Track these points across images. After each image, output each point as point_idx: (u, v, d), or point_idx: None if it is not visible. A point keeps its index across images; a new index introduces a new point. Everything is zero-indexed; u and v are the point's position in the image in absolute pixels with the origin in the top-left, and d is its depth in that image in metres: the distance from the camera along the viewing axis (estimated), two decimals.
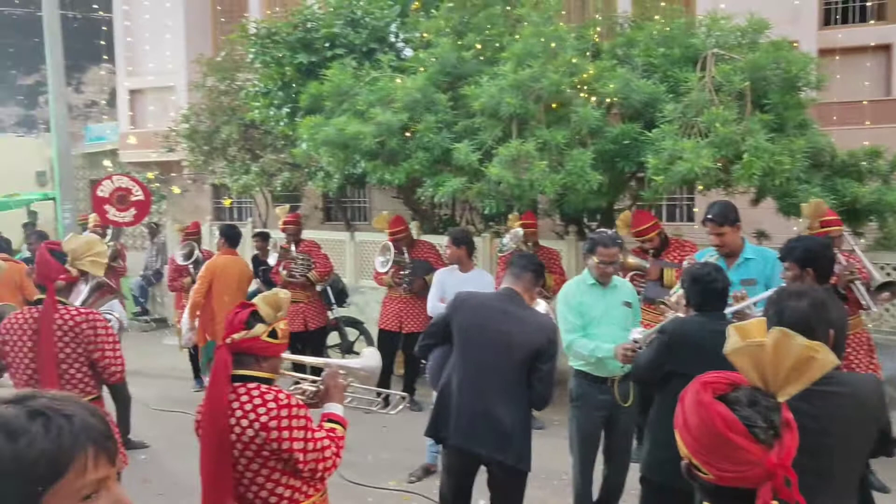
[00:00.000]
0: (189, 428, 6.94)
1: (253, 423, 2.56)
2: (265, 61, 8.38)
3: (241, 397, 2.62)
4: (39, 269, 3.77)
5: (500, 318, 3.73)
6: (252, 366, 2.69)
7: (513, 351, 3.67)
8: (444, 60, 6.90)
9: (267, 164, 10.21)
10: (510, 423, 3.67)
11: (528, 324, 3.72)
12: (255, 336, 2.65)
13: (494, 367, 3.70)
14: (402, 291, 7.13)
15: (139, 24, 13.72)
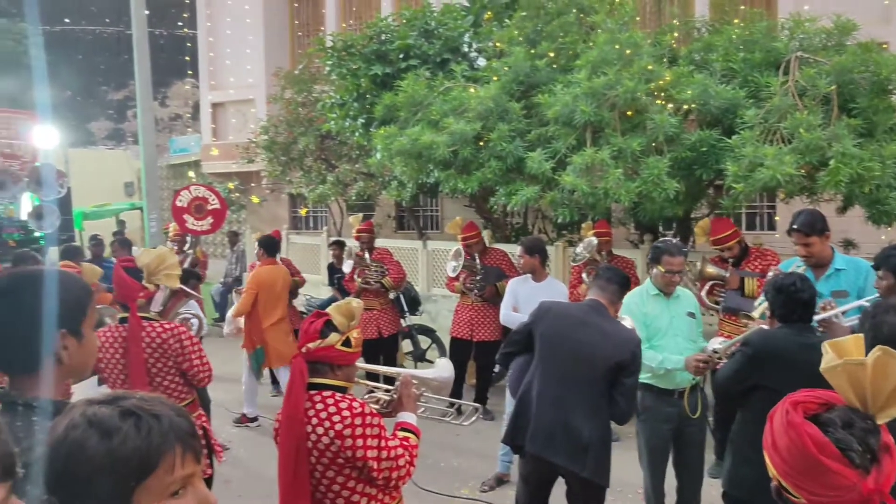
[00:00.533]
0: (267, 431, 7.11)
1: (328, 430, 2.61)
2: (341, 73, 8.55)
3: (316, 405, 2.67)
4: (119, 289, 3.92)
5: (583, 330, 3.71)
6: (327, 374, 2.74)
7: (595, 363, 3.64)
8: (518, 69, 6.89)
9: (342, 174, 10.41)
10: (588, 435, 3.63)
11: (612, 337, 3.67)
12: (330, 345, 2.69)
13: (575, 378, 3.67)
14: (474, 298, 7.13)
15: (221, 40, 14.21)
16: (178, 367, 3.90)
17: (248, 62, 13.70)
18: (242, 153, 12.19)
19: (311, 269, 10.78)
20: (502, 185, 6.72)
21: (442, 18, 8.58)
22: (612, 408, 3.67)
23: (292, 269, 8.58)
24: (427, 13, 8.69)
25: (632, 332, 3.80)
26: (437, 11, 8.81)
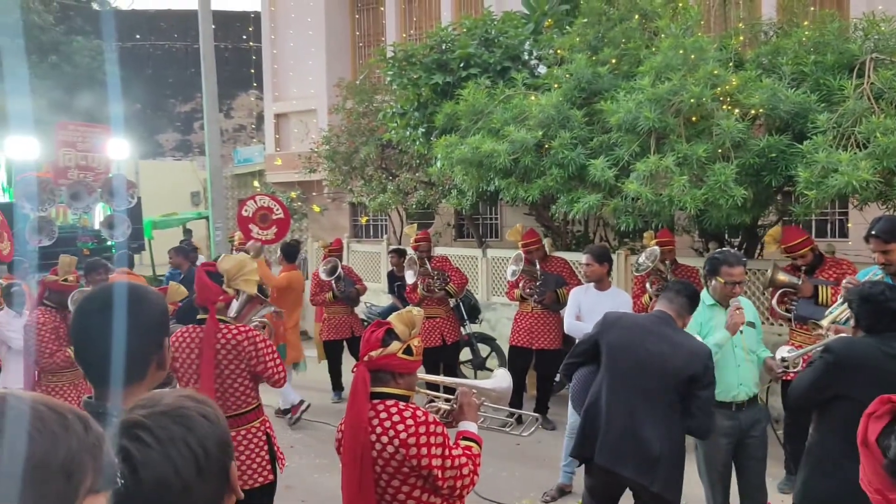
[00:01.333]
0: (328, 437, 7.18)
1: (392, 440, 2.62)
2: (402, 83, 8.63)
3: (380, 414, 2.67)
4: (200, 292, 4.02)
5: (651, 340, 3.65)
6: (389, 383, 2.74)
7: (665, 375, 3.57)
8: (579, 76, 6.85)
9: (403, 183, 10.49)
10: (659, 447, 3.55)
11: (682, 348, 3.61)
12: (391, 354, 2.70)
13: (644, 390, 3.60)
14: (533, 305, 7.11)
15: (284, 53, 14.50)
16: (252, 370, 3.96)
17: (310, 74, 13.95)
18: (304, 163, 12.41)
19: (372, 276, 10.88)
20: (564, 192, 6.67)
21: (502, 27, 8.59)
22: (690, 421, 3.59)
23: (354, 276, 8.69)
24: (487, 22, 8.71)
25: (702, 344, 3.72)
26: (498, 20, 8.82)
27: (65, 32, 23.29)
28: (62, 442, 0.67)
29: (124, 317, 1.78)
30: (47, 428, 0.68)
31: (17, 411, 0.67)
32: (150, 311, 1.90)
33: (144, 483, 1.15)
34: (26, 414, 0.67)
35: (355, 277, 8.66)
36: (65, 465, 0.66)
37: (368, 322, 9.14)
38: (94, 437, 0.71)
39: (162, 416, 1.23)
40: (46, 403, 0.71)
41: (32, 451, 0.65)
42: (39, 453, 0.65)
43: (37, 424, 0.67)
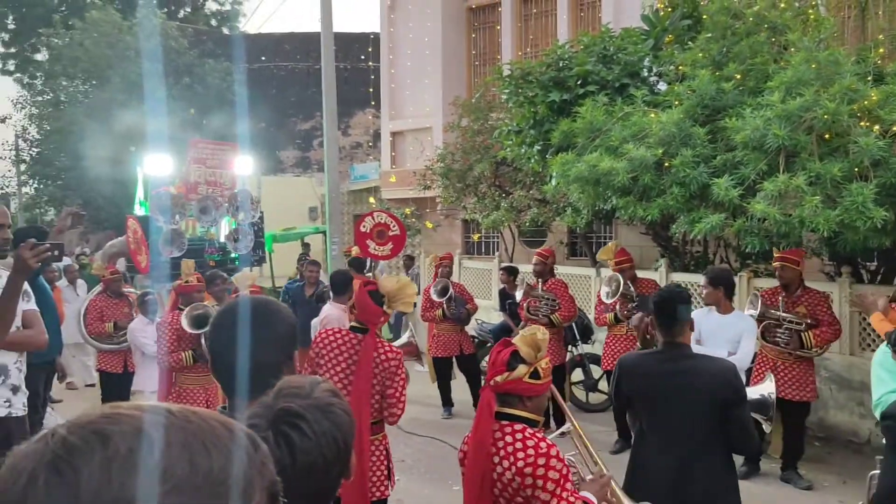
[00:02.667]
0: (438, 452, 7.22)
1: (511, 466, 2.59)
2: (518, 101, 8.65)
3: (505, 437, 2.65)
4: (361, 312, 4.07)
5: (670, 376, 3.42)
6: (517, 405, 2.71)
7: (692, 408, 3.36)
8: (702, 93, 6.65)
9: (516, 201, 10.49)
10: (711, 482, 3.38)
11: (703, 373, 3.38)
12: (518, 378, 2.66)
13: (678, 426, 3.42)
14: (629, 328, 6.95)
15: (402, 72, 14.84)
16: (384, 389, 3.99)
17: (426, 92, 14.21)
18: (419, 180, 12.62)
19: (483, 294, 10.91)
20: (684, 212, 6.47)
21: (621, 43, 8.47)
22: (734, 444, 3.39)
23: (466, 295, 8.72)
24: (606, 38, 8.62)
25: (723, 362, 3.47)
26: (616, 36, 8.71)
27: (198, 56, 24.76)
28: (236, 458, 0.68)
29: (257, 331, 1.85)
30: (221, 443, 0.69)
31: (195, 426, 0.69)
32: (280, 325, 1.99)
33: (298, 466, 1.40)
34: (202, 429, 0.69)
35: (467, 296, 8.68)
36: (237, 481, 0.67)
37: (479, 339, 9.16)
38: (262, 455, 0.72)
39: (316, 410, 1.45)
40: (218, 419, 0.72)
41: (210, 466, 0.66)
42: (217, 468, 0.66)
43: (212, 440, 0.68)
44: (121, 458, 0.63)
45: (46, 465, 0.64)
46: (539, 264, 7.74)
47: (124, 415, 0.68)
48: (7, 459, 0.68)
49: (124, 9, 27.47)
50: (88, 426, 0.66)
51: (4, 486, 0.65)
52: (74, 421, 0.68)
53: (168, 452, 0.64)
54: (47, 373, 6.01)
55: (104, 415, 0.68)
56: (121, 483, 0.62)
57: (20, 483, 0.64)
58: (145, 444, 0.65)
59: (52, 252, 3.44)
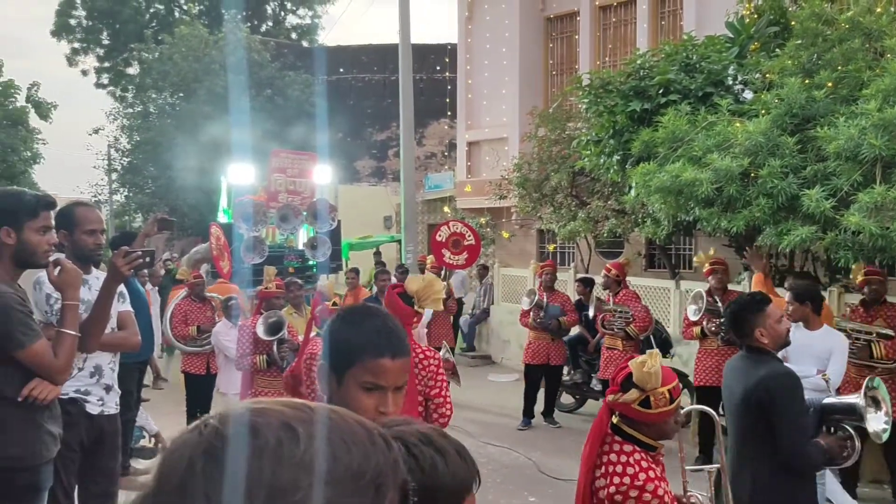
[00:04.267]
0: (514, 462, 7.15)
1: (608, 486, 2.57)
2: (598, 110, 8.55)
3: (611, 454, 2.61)
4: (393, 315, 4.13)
5: (729, 380, 3.50)
6: (640, 428, 2.62)
7: (736, 411, 3.38)
8: (791, 101, 6.42)
9: (593, 211, 10.36)
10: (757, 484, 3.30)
11: (746, 378, 3.32)
12: (627, 403, 2.58)
13: (733, 434, 3.45)
14: (719, 342, 6.79)
15: (479, 82, 14.90)
16: (428, 391, 3.99)
17: (503, 102, 14.22)
18: (495, 189, 12.62)
19: None
20: (771, 224, 6.26)
21: (704, 51, 8.27)
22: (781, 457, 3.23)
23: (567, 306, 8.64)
24: (688, 46, 8.44)
25: (776, 370, 3.29)
26: (699, 44, 8.51)
27: (279, 68, 25.44)
28: (372, 456, 0.70)
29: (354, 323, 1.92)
30: (359, 440, 0.71)
31: (334, 423, 0.71)
32: (370, 324, 2.04)
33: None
34: (341, 426, 0.71)
35: (568, 308, 8.62)
36: (374, 478, 0.69)
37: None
38: (394, 454, 0.74)
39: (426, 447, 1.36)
40: (355, 418, 0.74)
41: (350, 461, 0.68)
42: (355, 463, 0.68)
43: (351, 436, 0.70)
44: (271, 448, 0.67)
45: (203, 452, 0.67)
46: (605, 278, 7.78)
47: (270, 410, 0.71)
48: (165, 449, 0.72)
49: (210, 24, 28.51)
50: (239, 418, 0.70)
51: (165, 471, 0.69)
52: (224, 414, 0.72)
53: (312, 445, 0.67)
54: (140, 372, 6.25)
55: (251, 409, 0.71)
56: (272, 471, 0.65)
57: (180, 469, 0.68)
58: (291, 436, 0.68)
59: (143, 259, 3.59)
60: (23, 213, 3.15)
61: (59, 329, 3.21)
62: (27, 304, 3.16)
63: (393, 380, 1.79)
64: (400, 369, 1.80)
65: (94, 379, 3.79)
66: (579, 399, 9.03)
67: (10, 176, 25.96)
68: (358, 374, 1.76)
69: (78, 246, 3.69)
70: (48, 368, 3.10)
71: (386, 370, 1.77)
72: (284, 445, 0.67)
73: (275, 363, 6.01)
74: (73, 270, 3.27)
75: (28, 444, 3.11)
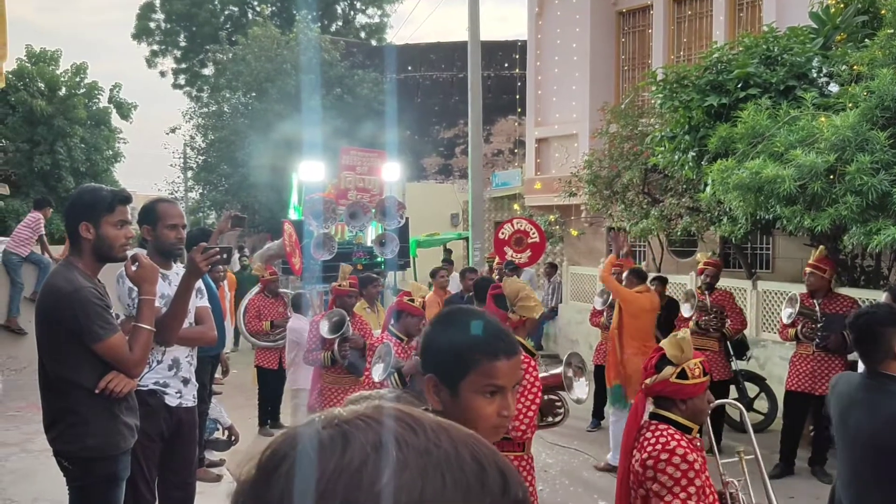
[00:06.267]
0: (583, 464, 7.01)
1: (639, 456, 2.64)
2: (672, 106, 8.32)
3: (647, 432, 2.69)
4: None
5: (854, 412, 3.06)
6: (672, 409, 2.73)
7: (866, 449, 2.98)
8: (883, 93, 6.10)
9: (667, 209, 10.11)
10: None
11: (880, 415, 2.93)
12: (664, 379, 2.69)
13: (855, 467, 3.07)
14: (815, 347, 6.49)
15: (549, 79, 14.73)
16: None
17: (573, 99, 14.02)
18: (564, 187, 12.44)
19: None
20: (859, 223, 5.97)
21: (786, 43, 7.95)
22: None
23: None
24: (769, 39, 8.12)
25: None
26: (781, 36, 8.19)
27: (348, 67, 25.73)
28: (475, 499, 0.61)
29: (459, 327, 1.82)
30: (464, 481, 0.61)
31: (441, 452, 0.62)
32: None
33: None
34: (448, 459, 0.62)
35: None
36: None
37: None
38: (510, 500, 0.63)
39: None
40: (473, 451, 0.64)
41: (439, 500, 0.60)
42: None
43: (456, 475, 0.61)
44: (353, 469, 0.61)
45: (296, 455, 0.63)
46: (711, 276, 7.54)
47: (375, 420, 0.65)
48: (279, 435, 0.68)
49: (282, 24, 29.05)
50: (342, 423, 0.65)
51: (264, 463, 0.65)
52: (336, 413, 0.67)
53: (400, 475, 0.60)
54: (213, 366, 6.39)
55: (360, 414, 0.66)
56: (345, 495, 0.60)
57: (271, 465, 0.64)
58: (381, 460, 0.61)
59: (221, 255, 3.64)
60: (100, 209, 3.23)
61: (135, 323, 3.27)
62: (105, 298, 3.23)
63: (512, 380, 1.73)
64: (516, 367, 1.73)
65: (172, 372, 3.86)
66: None
67: (94, 174, 27.01)
68: (475, 381, 1.68)
69: (160, 240, 3.77)
70: (124, 362, 3.17)
71: (504, 371, 1.69)
72: (368, 468, 0.60)
73: (337, 361, 6.06)
74: (149, 266, 3.33)
75: (105, 435, 3.17)
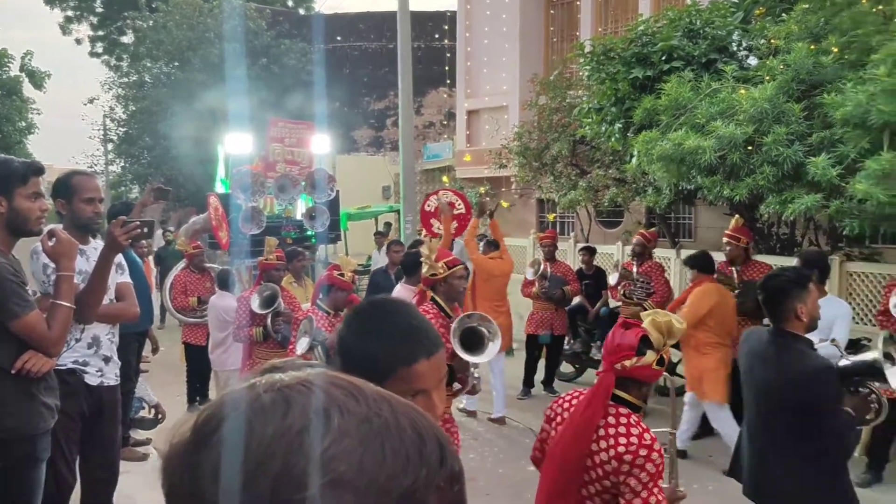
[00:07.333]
0: (512, 432, 7.11)
1: (609, 448, 2.52)
2: (599, 78, 8.43)
3: (608, 418, 2.57)
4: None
5: (761, 365, 3.26)
6: (630, 390, 2.60)
7: (774, 404, 3.18)
8: (798, 67, 6.31)
9: (594, 180, 10.28)
10: (793, 483, 3.18)
11: (787, 373, 3.12)
12: (647, 365, 2.55)
13: (764, 421, 3.27)
14: None
15: (478, 50, 14.70)
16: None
17: (503, 70, 14.04)
18: (495, 158, 12.50)
19: None
20: (775, 192, 6.20)
21: (708, 16, 8.13)
22: (821, 444, 3.14)
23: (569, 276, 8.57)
24: (692, 12, 8.29)
25: (815, 363, 3.12)
26: (703, 10, 8.36)
27: (275, 37, 25.11)
28: (411, 472, 0.61)
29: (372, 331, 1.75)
30: (403, 451, 0.61)
31: (381, 422, 0.62)
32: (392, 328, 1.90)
33: None
34: (388, 428, 0.62)
35: (570, 277, 8.55)
36: (404, 496, 0.60)
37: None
38: (447, 472, 0.63)
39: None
40: (414, 422, 0.64)
41: (378, 473, 0.59)
42: (384, 476, 0.60)
43: (395, 444, 0.61)
44: (290, 435, 0.60)
45: (235, 418, 0.62)
46: (640, 245, 7.69)
47: (317, 386, 0.64)
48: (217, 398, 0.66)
49: None
50: (283, 388, 0.63)
51: (200, 426, 0.63)
52: (278, 378, 0.65)
53: (340, 443, 0.60)
54: (139, 343, 6.22)
55: (303, 380, 0.64)
56: (284, 461, 0.59)
57: (208, 428, 0.62)
58: (321, 425, 0.60)
59: (142, 229, 3.52)
60: (12, 180, 3.09)
61: (54, 300, 3.15)
62: (20, 275, 3.10)
63: (434, 379, 1.58)
64: (438, 365, 1.59)
65: (92, 350, 3.74)
66: (579, 368, 9.03)
67: (6, 146, 25.70)
68: (395, 387, 1.59)
69: (76, 215, 3.62)
70: (41, 340, 3.06)
71: (424, 374, 1.55)
72: (309, 433, 0.59)
73: (270, 336, 6.03)
74: (67, 240, 3.21)
75: (23, 415, 3.08)
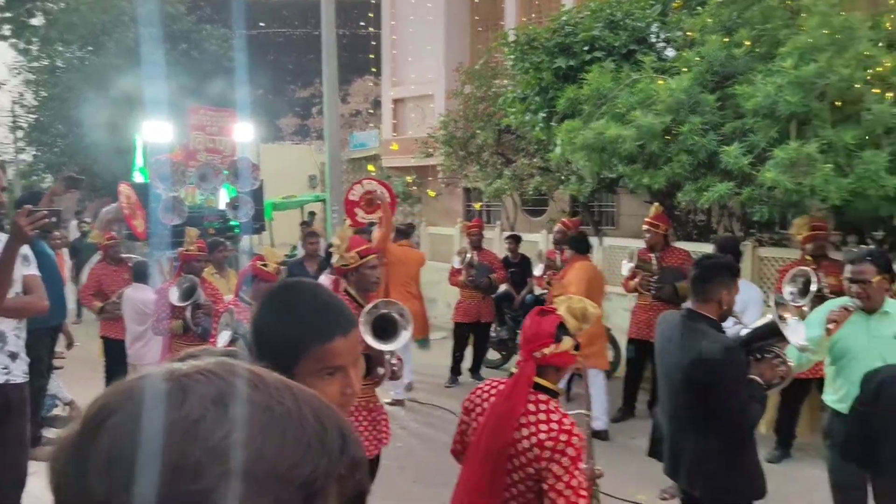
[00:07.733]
0: (440, 420, 7.14)
1: (531, 436, 2.52)
2: (523, 67, 8.51)
3: (528, 405, 2.57)
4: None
5: (668, 347, 3.39)
6: (549, 376, 2.61)
7: (678, 385, 3.32)
8: (712, 59, 6.52)
9: (519, 169, 10.39)
10: (700, 459, 3.33)
11: (689, 355, 3.22)
12: (565, 351, 2.56)
13: (674, 399, 3.42)
14: (651, 298, 6.90)
15: (403, 38, 14.62)
16: None
17: (428, 58, 14.01)
18: (421, 147, 12.49)
19: None
20: (691, 180, 6.40)
21: (628, 8, 8.31)
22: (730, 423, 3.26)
23: (496, 264, 8.61)
24: (613, 4, 8.45)
25: (717, 346, 3.18)
26: (624, 1, 8.54)
27: (195, 22, 24.40)
28: (311, 460, 0.60)
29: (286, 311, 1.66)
30: (304, 440, 0.61)
31: (283, 410, 0.61)
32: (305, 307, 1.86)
33: None
34: (290, 417, 0.61)
35: (496, 265, 8.59)
36: (305, 484, 0.59)
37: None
38: (348, 460, 0.63)
39: None
40: (315, 411, 0.64)
41: (278, 461, 0.59)
42: (284, 466, 0.59)
43: (296, 433, 0.61)
44: (187, 424, 0.58)
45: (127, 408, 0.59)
46: (560, 233, 7.77)
47: (216, 375, 0.62)
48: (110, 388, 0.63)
49: None
50: (181, 377, 0.61)
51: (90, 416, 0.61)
52: (176, 367, 0.63)
53: (238, 432, 0.58)
54: (51, 338, 5.97)
55: (202, 369, 0.62)
56: (181, 450, 0.57)
57: (98, 419, 0.60)
58: (218, 414, 0.59)
59: (49, 219, 3.36)
60: None
61: None
62: None
63: (351, 356, 1.59)
64: (354, 342, 1.61)
65: None
66: (505, 355, 9.14)
67: None
68: (311, 366, 1.55)
69: None
70: None
71: (340, 351, 1.56)
72: (206, 423, 0.58)
73: (190, 328, 5.88)
74: None
75: None
